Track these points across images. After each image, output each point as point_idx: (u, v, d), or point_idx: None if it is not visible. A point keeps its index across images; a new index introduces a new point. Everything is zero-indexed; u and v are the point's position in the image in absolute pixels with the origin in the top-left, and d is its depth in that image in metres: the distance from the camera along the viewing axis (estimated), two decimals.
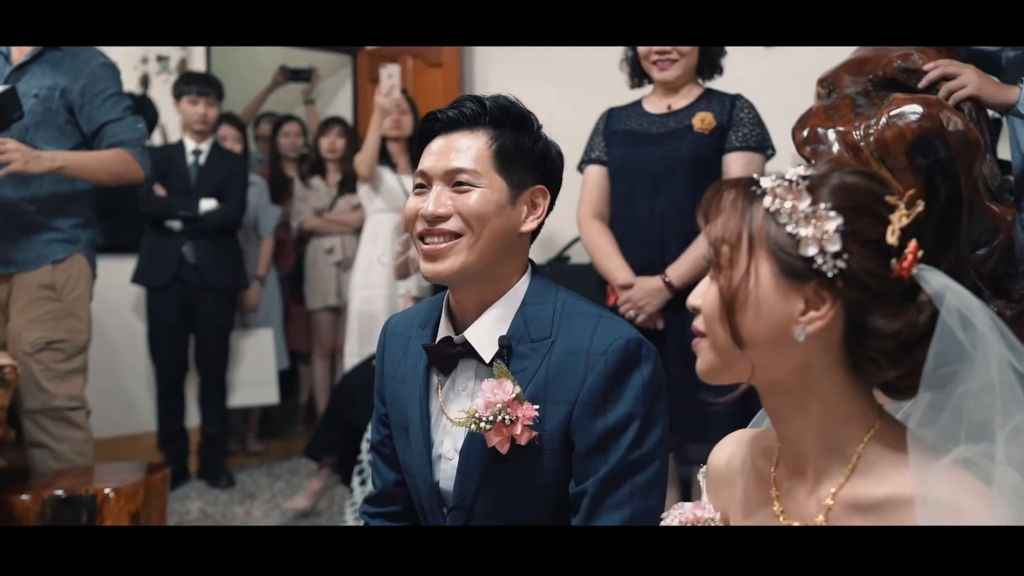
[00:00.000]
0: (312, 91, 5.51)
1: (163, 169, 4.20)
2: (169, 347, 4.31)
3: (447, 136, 1.44)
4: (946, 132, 1.92)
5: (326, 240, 4.76)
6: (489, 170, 1.41)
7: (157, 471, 2.76)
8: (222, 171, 4.29)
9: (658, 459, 1.37)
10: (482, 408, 1.34)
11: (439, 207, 1.40)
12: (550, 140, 1.51)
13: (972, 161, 1.94)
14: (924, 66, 2.04)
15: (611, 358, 1.36)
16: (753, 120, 2.72)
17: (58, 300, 2.87)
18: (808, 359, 0.97)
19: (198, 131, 4.28)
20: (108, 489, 2.52)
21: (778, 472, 1.06)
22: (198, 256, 4.21)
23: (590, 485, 1.35)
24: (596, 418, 1.35)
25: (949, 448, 0.92)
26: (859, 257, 0.94)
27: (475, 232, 1.39)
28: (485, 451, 1.38)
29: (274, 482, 4.38)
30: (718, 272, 1.00)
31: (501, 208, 1.41)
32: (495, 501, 1.41)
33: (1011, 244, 2.01)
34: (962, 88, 1.99)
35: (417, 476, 1.48)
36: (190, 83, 4.27)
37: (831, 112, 2.05)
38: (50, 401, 2.82)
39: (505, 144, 1.43)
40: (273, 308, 4.88)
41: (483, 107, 1.44)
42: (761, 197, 0.99)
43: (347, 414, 3.60)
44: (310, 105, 5.51)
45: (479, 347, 1.42)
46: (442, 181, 1.42)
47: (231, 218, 4.31)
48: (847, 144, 1.97)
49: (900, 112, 1.94)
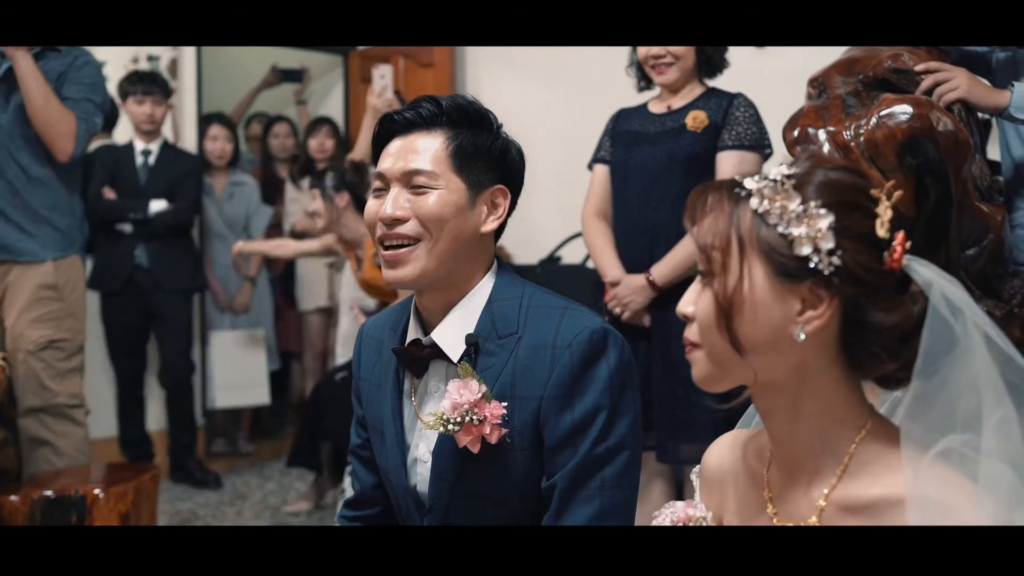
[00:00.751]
0: (304, 92, 5.50)
1: (112, 171, 4.14)
2: (126, 352, 4.25)
3: (404, 137, 1.43)
4: (936, 132, 1.92)
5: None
6: (447, 171, 1.39)
7: (147, 471, 2.76)
8: (173, 171, 4.20)
9: (627, 450, 1.36)
10: (449, 410, 1.33)
11: (396, 209, 1.39)
12: (510, 139, 1.49)
13: (962, 161, 1.94)
14: (915, 67, 2.05)
15: (576, 350, 1.34)
16: (749, 119, 2.69)
17: (60, 300, 2.92)
18: (805, 358, 0.97)
19: (146, 131, 4.19)
20: (98, 490, 2.51)
21: (771, 473, 1.06)
22: (151, 258, 4.13)
23: (558, 479, 1.34)
24: (563, 412, 1.34)
25: (937, 440, 0.92)
26: (852, 253, 0.93)
27: (433, 236, 1.38)
28: (457, 452, 1.37)
29: (265, 483, 4.37)
30: (711, 279, 0.98)
31: (460, 210, 1.39)
32: (470, 501, 1.40)
33: (1000, 244, 2.02)
34: (953, 90, 2.00)
35: (393, 480, 1.48)
36: (135, 83, 4.17)
37: (822, 112, 2.05)
38: (53, 399, 2.86)
39: (462, 143, 1.41)
40: (264, 309, 4.87)
41: (440, 107, 1.42)
42: (747, 199, 0.97)
43: (319, 423, 3.62)
44: (302, 106, 5.51)
45: (446, 347, 1.41)
46: (399, 183, 1.40)
47: (182, 218, 4.22)
48: (837, 144, 1.98)
49: (890, 112, 1.94)
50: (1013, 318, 2.01)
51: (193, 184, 4.27)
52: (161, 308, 4.21)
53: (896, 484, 0.93)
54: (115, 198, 4.14)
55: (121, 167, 4.18)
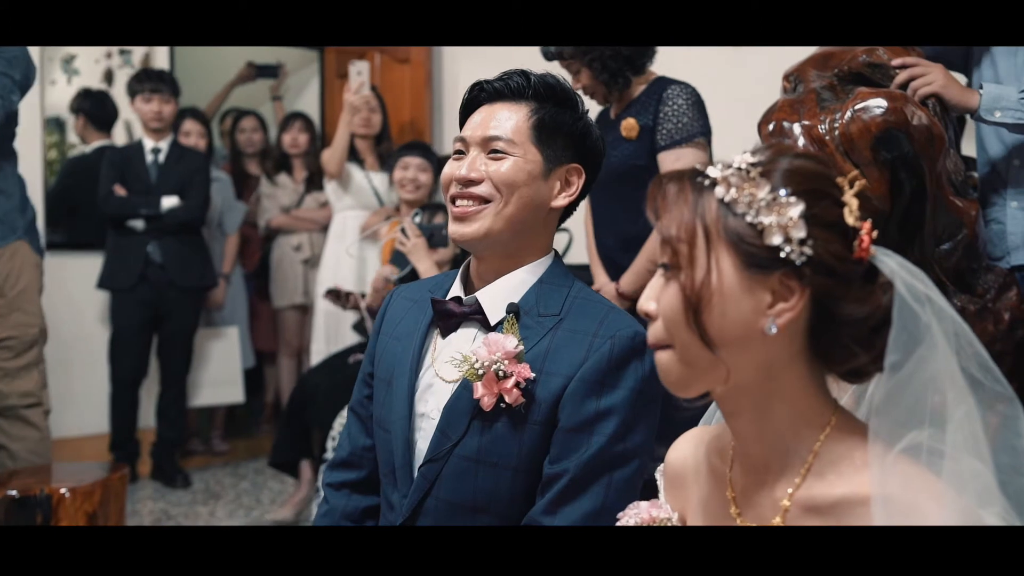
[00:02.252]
0: (280, 87, 5.46)
1: (122, 169, 4.11)
2: (132, 350, 4.20)
3: (490, 106, 1.48)
4: (910, 126, 1.91)
5: (293, 237, 4.71)
6: (525, 141, 1.44)
7: (115, 471, 2.71)
8: (183, 168, 4.20)
9: (639, 459, 1.36)
10: (483, 355, 1.35)
11: (471, 171, 1.43)
12: (593, 124, 1.52)
13: (936, 156, 1.93)
14: (892, 62, 2.04)
15: (617, 344, 1.36)
16: (677, 112, 2.62)
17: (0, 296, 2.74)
18: (774, 353, 0.93)
19: (155, 129, 4.18)
20: (64, 489, 2.46)
21: (734, 472, 1.03)
22: (164, 255, 4.12)
23: (571, 466, 1.33)
24: (589, 398, 1.34)
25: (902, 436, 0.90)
26: (823, 242, 0.90)
27: (504, 198, 1.42)
28: (469, 411, 1.38)
29: (239, 482, 4.32)
30: (676, 272, 0.94)
31: (533, 178, 1.43)
32: (466, 463, 1.39)
33: (975, 239, 2.01)
34: (928, 85, 1.99)
35: (394, 431, 1.46)
36: (143, 81, 4.17)
37: (796, 106, 2.04)
38: (3, 400, 2.73)
39: (544, 118, 1.45)
40: (238, 306, 4.81)
41: (528, 80, 1.47)
42: (711, 187, 0.93)
43: (307, 415, 3.55)
44: (277, 102, 5.46)
45: (488, 309, 1.43)
46: (479, 147, 1.45)
47: (194, 215, 4.21)
48: (812, 138, 1.96)
49: (865, 106, 1.93)
50: (987, 313, 2.00)
51: (203, 181, 4.24)
52: (172, 306, 4.18)
53: (861, 483, 0.91)
54: (126, 195, 4.10)
55: (131, 165, 4.14)
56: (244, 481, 4.34)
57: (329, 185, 4.27)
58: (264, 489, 4.17)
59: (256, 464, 4.61)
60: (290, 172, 4.80)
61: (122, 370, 4.20)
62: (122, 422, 4.21)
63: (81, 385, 4.26)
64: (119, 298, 4.17)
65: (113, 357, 4.22)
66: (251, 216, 4.84)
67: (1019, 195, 2.13)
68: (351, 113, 4.05)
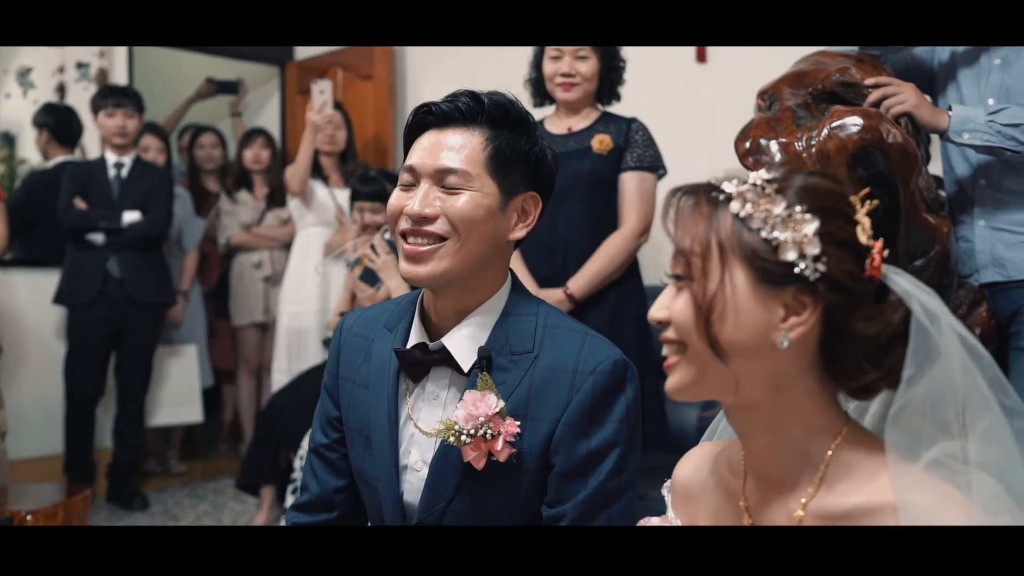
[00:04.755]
0: (239, 104, 5.40)
1: (84, 183, 4.03)
2: (89, 368, 4.09)
3: (440, 131, 1.37)
4: (886, 144, 1.94)
5: (254, 255, 4.64)
6: (481, 172, 1.34)
7: (77, 492, 2.64)
8: (145, 184, 4.12)
9: (633, 486, 1.33)
10: (463, 420, 1.27)
11: (426, 207, 1.33)
12: (546, 145, 1.44)
13: (910, 173, 1.97)
14: (865, 81, 2.07)
15: (600, 379, 1.31)
16: (646, 142, 2.90)
17: None
18: (783, 365, 0.94)
19: (117, 144, 4.10)
20: (25, 511, 2.39)
21: (746, 484, 1.03)
22: (124, 270, 4.02)
23: (569, 510, 1.30)
24: (579, 439, 1.30)
25: (920, 451, 0.91)
26: (836, 259, 0.91)
27: (462, 237, 1.32)
28: (459, 466, 1.32)
29: (198, 503, 4.23)
30: (688, 283, 0.95)
31: (491, 214, 1.34)
32: (463, 518, 1.34)
33: (946, 255, 2.05)
34: (901, 104, 2.03)
35: (381, 488, 1.40)
36: (106, 96, 4.10)
37: (773, 124, 2.06)
38: None
39: (501, 146, 1.36)
40: (197, 324, 4.74)
41: (480, 104, 1.37)
42: (726, 202, 0.95)
43: (276, 434, 3.49)
44: (237, 118, 5.40)
45: (458, 355, 1.35)
46: (430, 179, 1.35)
47: (156, 230, 4.13)
48: (790, 155, 1.98)
49: (841, 124, 1.96)
50: None
51: (166, 196, 4.17)
52: (131, 322, 4.07)
53: (875, 492, 0.91)
54: (87, 208, 4.01)
55: (93, 179, 4.06)
56: (204, 503, 4.25)
57: (292, 202, 4.23)
58: (225, 510, 4.09)
59: (215, 485, 4.53)
60: (250, 189, 4.75)
61: (78, 388, 4.09)
62: (77, 442, 4.10)
63: (34, 405, 4.14)
64: (76, 314, 4.07)
65: (69, 375, 4.10)
66: (211, 232, 4.77)
67: (986, 214, 2.18)
68: (314, 132, 4.02)
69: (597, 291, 2.83)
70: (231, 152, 5.15)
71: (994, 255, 2.15)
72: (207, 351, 4.80)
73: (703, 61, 3.64)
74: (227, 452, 5.08)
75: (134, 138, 4.18)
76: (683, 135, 3.51)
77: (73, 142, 4.35)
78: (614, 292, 2.87)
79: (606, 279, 2.84)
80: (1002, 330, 2.16)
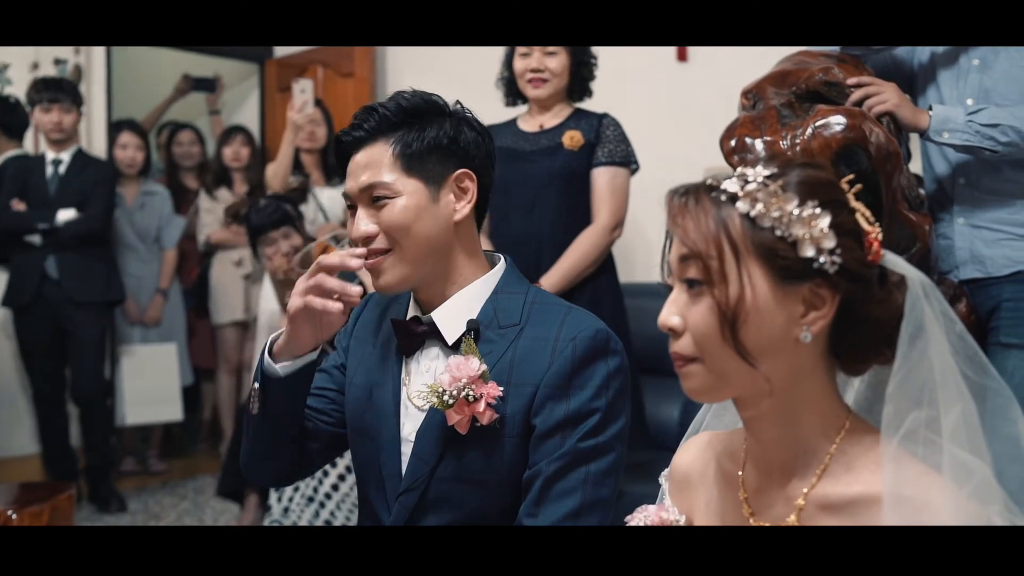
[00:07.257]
0: (217, 101, 5.38)
1: (24, 183, 3.96)
2: (42, 368, 4.05)
3: (357, 154, 1.43)
4: (868, 143, 1.98)
5: (234, 252, 4.62)
6: (399, 176, 1.39)
7: (61, 490, 2.62)
8: (84, 180, 4.02)
9: (615, 452, 1.35)
10: (447, 383, 1.32)
11: (365, 228, 1.40)
12: (464, 118, 1.47)
13: (892, 171, 2.00)
14: (847, 81, 2.11)
15: (579, 345, 1.35)
16: (618, 137, 2.91)
17: None
18: (801, 359, 0.95)
19: (55, 140, 4.02)
20: (11, 511, 2.37)
21: (746, 473, 1.05)
22: (61, 270, 3.95)
23: (543, 466, 1.33)
24: (558, 402, 1.34)
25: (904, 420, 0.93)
26: (847, 249, 0.93)
27: (402, 243, 1.39)
28: (443, 432, 1.36)
29: (179, 503, 4.21)
30: (708, 288, 0.94)
31: (422, 210, 1.39)
32: (449, 485, 1.38)
33: (928, 252, 2.09)
34: (883, 103, 2.07)
35: (382, 444, 1.44)
36: (41, 90, 3.99)
37: (758, 122, 2.09)
38: None
39: (408, 142, 1.40)
40: (176, 322, 4.72)
41: (378, 114, 1.42)
42: (730, 202, 0.95)
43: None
44: (215, 116, 5.38)
45: (444, 329, 1.41)
46: (362, 200, 1.41)
47: (92, 227, 4.01)
48: (775, 153, 2.02)
49: (825, 123, 1.99)
50: None
51: (104, 192, 4.08)
52: (73, 322, 4.00)
53: (876, 482, 0.93)
54: (23, 209, 3.95)
55: (31, 178, 3.99)
56: (184, 501, 4.23)
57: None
58: (206, 509, 4.08)
59: (195, 483, 4.51)
60: (230, 186, 4.73)
61: (38, 388, 4.07)
62: (52, 440, 4.07)
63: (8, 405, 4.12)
64: (20, 316, 4.02)
65: (29, 375, 4.08)
66: (190, 229, 4.75)
67: (965, 212, 2.22)
68: (294, 131, 4.01)
69: (572, 287, 2.84)
70: (210, 149, 5.12)
71: (973, 252, 2.19)
72: (187, 349, 4.78)
73: (684, 60, 3.67)
74: (206, 450, 5.07)
75: (72, 133, 4.08)
76: (664, 134, 3.55)
77: (20, 134, 4.26)
78: (589, 287, 2.89)
79: (580, 274, 2.86)
80: (981, 326, 2.20)
